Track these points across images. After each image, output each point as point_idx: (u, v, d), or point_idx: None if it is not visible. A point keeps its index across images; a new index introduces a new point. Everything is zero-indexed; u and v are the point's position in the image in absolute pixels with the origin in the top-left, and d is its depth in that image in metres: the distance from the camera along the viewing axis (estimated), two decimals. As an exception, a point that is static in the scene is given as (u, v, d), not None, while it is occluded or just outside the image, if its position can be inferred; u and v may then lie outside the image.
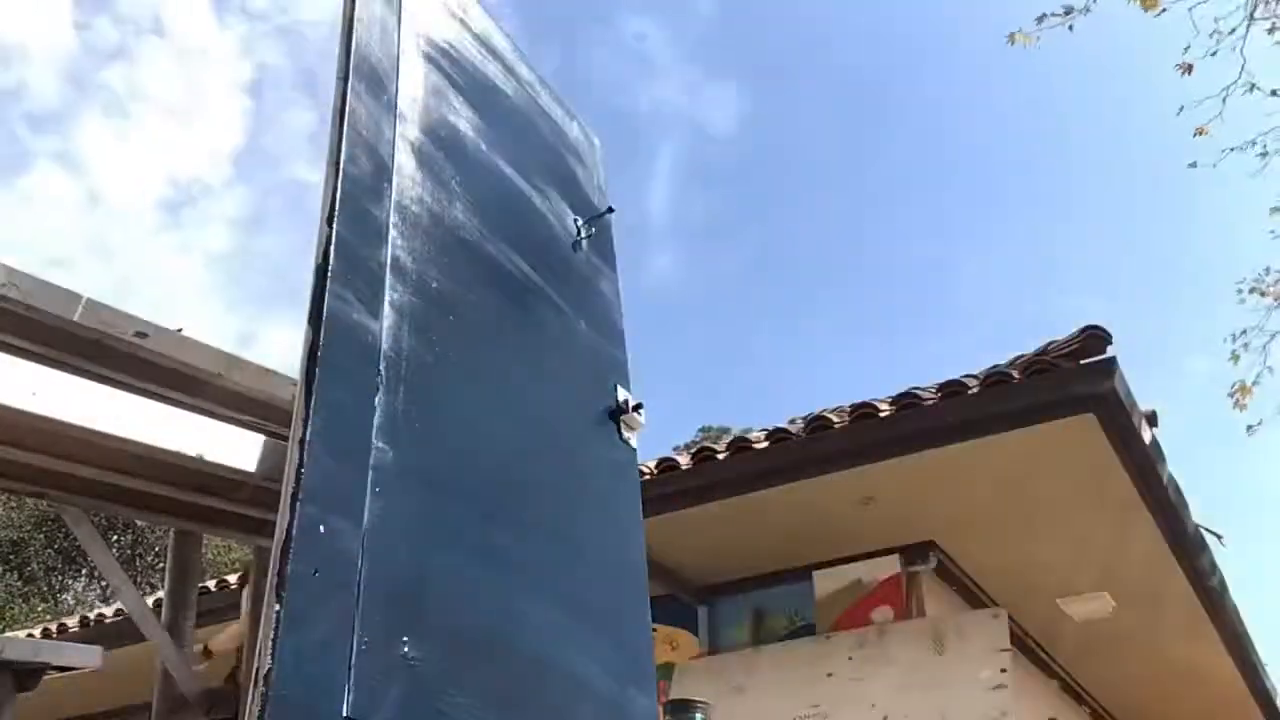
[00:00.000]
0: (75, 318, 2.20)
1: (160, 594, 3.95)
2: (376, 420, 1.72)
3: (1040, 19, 5.71)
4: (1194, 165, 6.50)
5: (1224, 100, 6.01)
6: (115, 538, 15.55)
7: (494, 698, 1.82)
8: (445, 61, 2.40)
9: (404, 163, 2.05)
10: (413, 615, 1.66)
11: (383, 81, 2.08)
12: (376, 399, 1.74)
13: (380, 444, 1.71)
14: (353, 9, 2.04)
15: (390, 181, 1.99)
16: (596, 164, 3.06)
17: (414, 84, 2.20)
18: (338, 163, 1.85)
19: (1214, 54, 5.93)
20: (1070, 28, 5.66)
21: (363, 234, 1.86)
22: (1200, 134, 6.14)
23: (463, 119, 2.39)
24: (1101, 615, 6.22)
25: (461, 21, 2.58)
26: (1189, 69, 5.97)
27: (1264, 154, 6.35)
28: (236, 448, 2.54)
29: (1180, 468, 4.89)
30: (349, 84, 1.95)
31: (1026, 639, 6.41)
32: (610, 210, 2.93)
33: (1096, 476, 4.80)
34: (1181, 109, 6.09)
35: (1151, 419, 4.56)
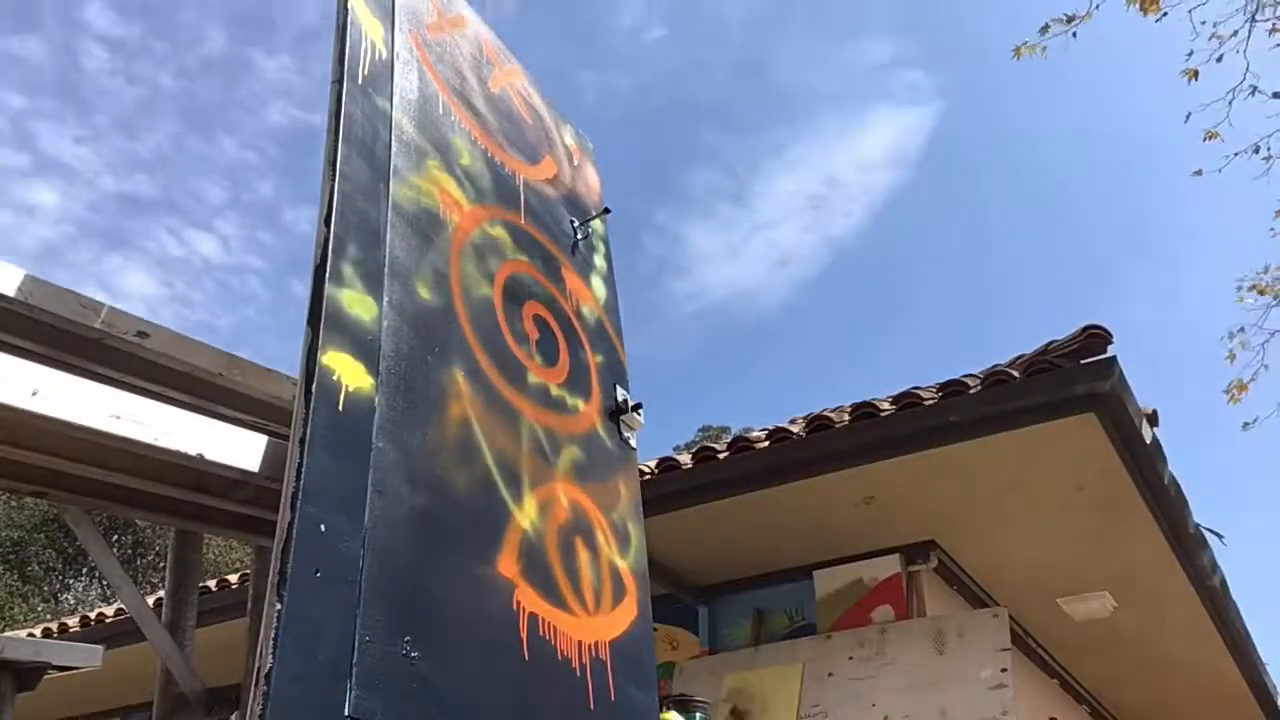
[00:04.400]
0: (80, 320, 2.20)
1: (160, 594, 3.96)
2: (376, 420, 1.73)
3: (1044, 29, 5.71)
4: (1199, 173, 6.48)
5: (1230, 103, 6.00)
6: (116, 538, 15.57)
7: (495, 695, 1.82)
8: (440, 65, 2.40)
9: (400, 165, 2.06)
10: (414, 614, 1.66)
11: (378, 84, 2.08)
12: (376, 399, 1.75)
13: (380, 444, 1.71)
14: (346, 13, 2.05)
15: (387, 183, 1.99)
16: (591, 166, 3.06)
17: (409, 87, 2.20)
18: (334, 164, 1.85)
19: (1219, 59, 5.91)
20: (1074, 35, 5.64)
21: (361, 235, 1.86)
22: (1211, 138, 6.13)
23: (458, 122, 2.40)
24: (1101, 615, 6.22)
25: (455, 26, 2.59)
26: (1195, 75, 5.95)
27: (1268, 157, 6.33)
28: (237, 448, 2.54)
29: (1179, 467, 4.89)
30: (344, 87, 1.96)
31: (1027, 639, 6.42)
32: (606, 211, 2.94)
33: (1097, 476, 4.79)
34: (1189, 115, 6.07)
35: (1152, 419, 4.55)
